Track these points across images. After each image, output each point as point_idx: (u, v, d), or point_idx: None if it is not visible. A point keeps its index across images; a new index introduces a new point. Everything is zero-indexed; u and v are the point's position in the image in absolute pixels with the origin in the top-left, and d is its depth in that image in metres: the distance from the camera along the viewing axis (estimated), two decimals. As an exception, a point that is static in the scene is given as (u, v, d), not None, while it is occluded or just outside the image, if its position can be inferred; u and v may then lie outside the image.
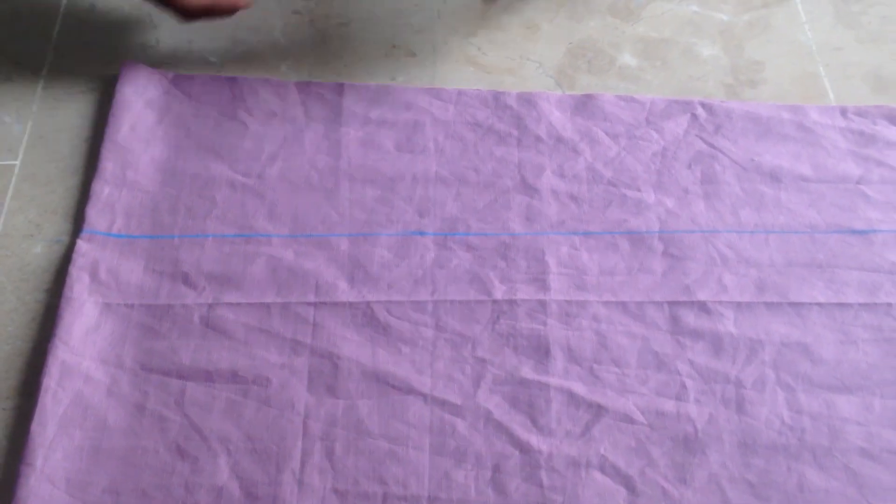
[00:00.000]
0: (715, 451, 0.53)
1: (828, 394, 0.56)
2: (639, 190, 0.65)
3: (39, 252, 0.61)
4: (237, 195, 0.63)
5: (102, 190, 0.62)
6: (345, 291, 0.59)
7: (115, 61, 0.70)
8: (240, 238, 0.61)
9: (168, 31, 0.74)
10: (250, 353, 0.55)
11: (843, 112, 0.70)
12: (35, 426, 0.51)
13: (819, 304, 0.59)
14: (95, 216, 0.61)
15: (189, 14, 0.65)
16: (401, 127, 0.68)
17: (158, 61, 0.71)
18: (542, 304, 0.59)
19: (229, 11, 0.66)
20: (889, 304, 0.60)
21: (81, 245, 0.59)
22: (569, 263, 0.61)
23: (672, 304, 0.59)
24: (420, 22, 0.76)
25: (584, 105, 0.70)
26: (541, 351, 0.57)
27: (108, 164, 0.63)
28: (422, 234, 0.62)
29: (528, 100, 0.70)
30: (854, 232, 0.63)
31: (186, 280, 0.58)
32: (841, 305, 0.59)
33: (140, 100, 0.67)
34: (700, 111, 0.70)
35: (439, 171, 0.65)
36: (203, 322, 0.57)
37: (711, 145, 0.68)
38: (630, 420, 0.54)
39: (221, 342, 0.56)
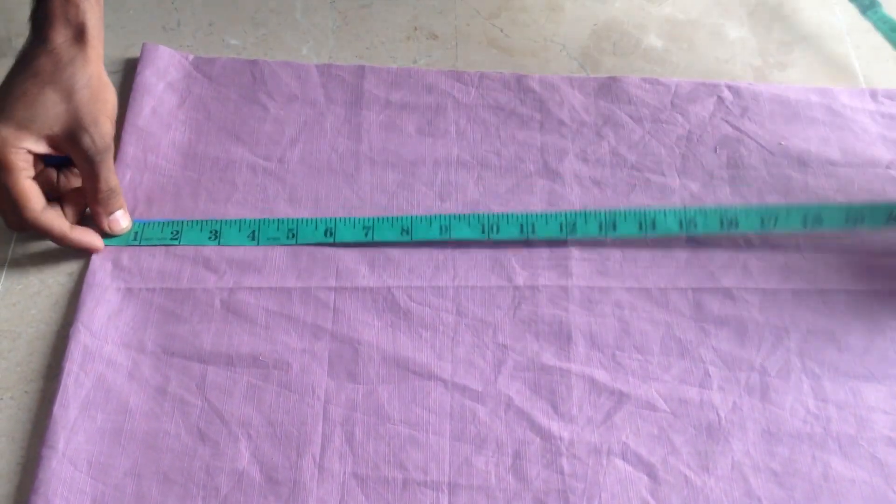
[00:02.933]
0: (738, 440, 0.52)
1: (854, 382, 0.55)
2: (663, 174, 0.64)
3: (62, 235, 0.61)
4: (258, 179, 0.63)
5: (124, 175, 0.62)
6: (365, 276, 0.58)
7: (136, 44, 0.70)
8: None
9: (189, 14, 0.73)
10: (271, 337, 0.55)
11: (874, 95, 0.69)
12: (57, 409, 0.51)
13: (847, 291, 0.58)
14: (117, 200, 0.61)
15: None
16: (422, 110, 0.67)
17: (179, 44, 0.71)
18: (564, 290, 0.58)
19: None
20: (921, 291, 0.59)
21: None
22: (591, 249, 0.60)
23: (696, 290, 0.58)
24: (442, 3, 0.75)
25: (607, 88, 0.69)
26: (562, 337, 0.56)
27: (130, 149, 0.63)
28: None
29: (551, 83, 0.69)
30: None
31: (208, 264, 0.58)
32: (869, 292, 0.58)
33: (161, 82, 0.67)
34: (726, 94, 0.69)
35: (461, 154, 0.65)
36: (224, 306, 0.56)
37: (738, 129, 0.67)
38: (652, 407, 0.54)
39: (242, 326, 0.56)
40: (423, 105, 0.68)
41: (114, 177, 0.57)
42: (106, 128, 0.55)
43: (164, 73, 0.67)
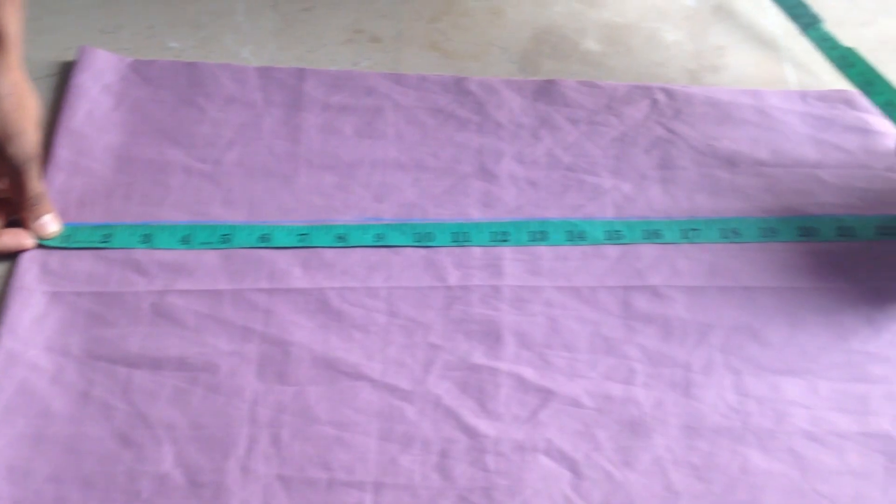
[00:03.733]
0: (660, 435, 0.53)
1: (774, 377, 0.56)
2: (597, 175, 0.65)
3: (-8, 239, 0.60)
4: (193, 181, 0.63)
5: (56, 177, 0.62)
6: (298, 278, 0.59)
7: (74, 47, 0.69)
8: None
9: (129, 17, 0.73)
10: (200, 340, 0.55)
11: (803, 97, 0.70)
12: (-22, 415, 0.51)
13: (769, 288, 0.59)
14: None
15: None
16: (361, 112, 0.68)
17: (118, 47, 0.71)
18: (496, 290, 0.59)
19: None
20: (839, 288, 0.60)
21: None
22: (524, 249, 0.61)
23: (624, 288, 0.59)
24: (385, 6, 0.76)
25: (545, 91, 0.70)
26: (492, 336, 0.57)
27: (63, 152, 0.63)
28: (378, 219, 0.62)
29: (489, 85, 0.70)
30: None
31: (138, 267, 0.58)
32: (792, 289, 0.59)
33: (97, 85, 0.67)
34: (660, 96, 0.69)
35: (398, 156, 0.65)
36: (153, 309, 0.56)
37: (670, 130, 0.67)
38: (578, 404, 0.54)
39: (171, 330, 0.56)
40: (362, 107, 0.68)
41: (40, 183, 0.56)
42: (31, 136, 0.54)
43: (100, 76, 0.67)
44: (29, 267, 0.57)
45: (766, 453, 0.53)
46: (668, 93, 0.70)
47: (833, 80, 0.72)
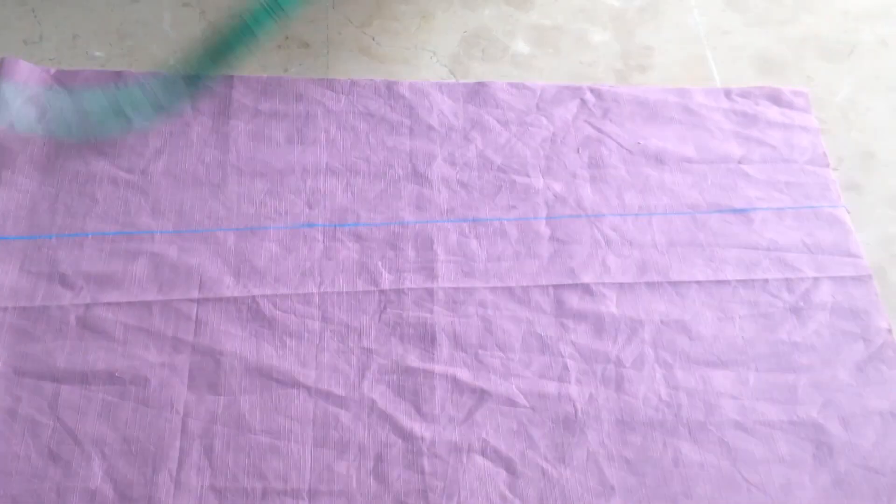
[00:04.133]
0: (594, 430, 0.54)
1: (704, 369, 0.57)
2: (528, 175, 0.65)
3: (-89, 257, 0.59)
4: (119, 192, 0.62)
5: (-23, 191, 0.60)
6: (230, 286, 0.58)
7: (-5, 58, 0.68)
8: (121, 236, 0.60)
9: (52, 27, 0.72)
10: (129, 353, 0.54)
11: (728, 94, 0.71)
12: None
13: (698, 283, 0.60)
14: (-31, 218, 0.59)
15: None
16: (292, 119, 0.67)
17: (42, 57, 0.70)
18: (430, 293, 0.59)
19: None
20: (766, 280, 0.61)
21: (-47, 248, 0.58)
22: (457, 251, 0.61)
23: (557, 287, 0.60)
24: (313, 12, 0.75)
25: (475, 93, 0.70)
26: (427, 339, 0.57)
27: (-17, 164, 0.61)
28: (310, 226, 0.61)
29: (420, 89, 0.70)
30: (734, 211, 0.64)
31: (64, 280, 0.57)
32: (719, 283, 0.61)
33: (20, 97, 0.65)
34: (589, 96, 0.70)
35: (330, 162, 0.65)
36: (80, 323, 0.55)
37: (599, 130, 0.68)
38: (513, 403, 0.54)
39: (99, 343, 0.55)
40: (293, 113, 0.68)
41: None
42: None
43: (23, 87, 0.66)
44: (-51, 284, 0.56)
45: (698, 445, 0.53)
46: (597, 93, 0.71)
47: (756, 76, 0.74)
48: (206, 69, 0.63)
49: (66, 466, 0.50)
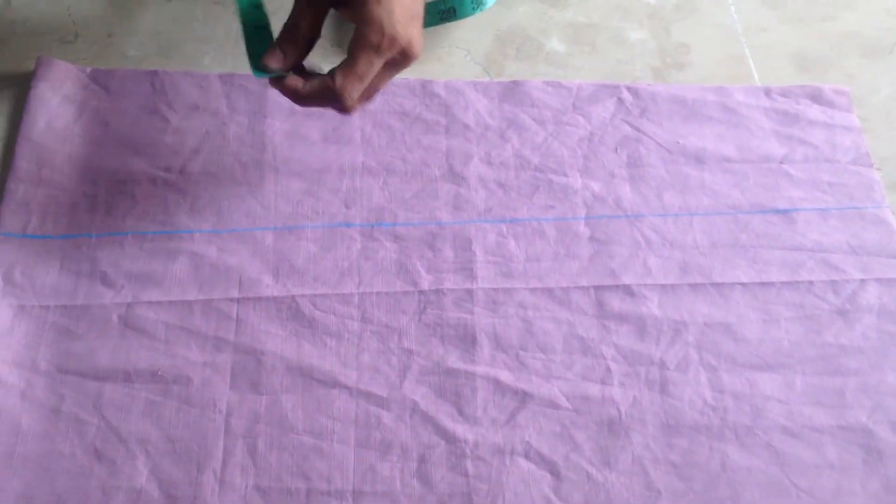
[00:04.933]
0: (638, 434, 0.53)
1: (750, 372, 0.56)
2: (565, 175, 0.65)
3: (-48, 255, 0.59)
4: (158, 191, 0.62)
5: (17, 189, 0.60)
6: (269, 286, 0.58)
7: (32, 57, 0.68)
8: (160, 235, 0.60)
9: (87, 26, 0.72)
10: (171, 352, 0.54)
11: (767, 92, 0.71)
12: (-53, 435, 0.49)
13: (742, 284, 0.60)
14: (10, 217, 0.59)
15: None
16: (327, 118, 0.67)
17: (77, 56, 0.70)
18: (469, 293, 0.58)
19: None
20: (810, 282, 0.60)
21: (-5, 248, 0.58)
22: (496, 251, 0.61)
23: (597, 288, 0.59)
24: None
25: (511, 92, 0.69)
26: (467, 340, 0.56)
27: (23, 163, 0.61)
28: (348, 225, 0.61)
29: (455, 88, 0.69)
30: (777, 211, 0.64)
31: (105, 279, 0.57)
32: (763, 284, 0.60)
33: (56, 96, 0.65)
34: (626, 95, 0.70)
35: (366, 161, 0.65)
36: (122, 322, 0.55)
37: (637, 129, 0.68)
38: (555, 406, 0.54)
39: (141, 342, 0.55)
40: (329, 112, 0.67)
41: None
42: None
43: (59, 87, 0.66)
44: (-9, 281, 0.56)
45: (745, 449, 0.53)
46: (634, 91, 0.70)
47: (796, 74, 0.73)
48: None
49: (111, 465, 0.50)
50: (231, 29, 0.73)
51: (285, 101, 0.67)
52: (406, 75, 0.70)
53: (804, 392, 0.55)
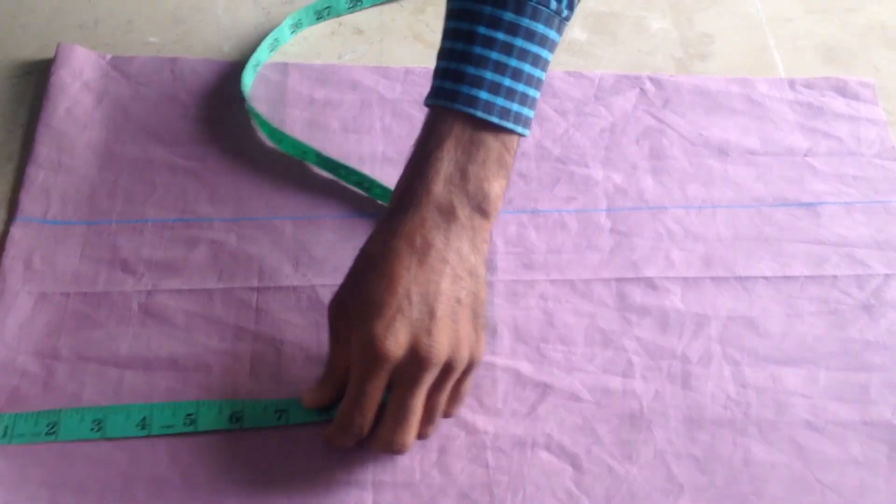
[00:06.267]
0: (660, 428, 0.53)
1: (773, 367, 0.55)
2: (587, 166, 0.64)
3: (-27, 241, 0.59)
4: (178, 179, 0.62)
5: (37, 175, 0.60)
6: (289, 275, 0.58)
7: (52, 44, 0.68)
8: (180, 223, 0.60)
9: (107, 12, 0.72)
10: (191, 340, 0.54)
11: (792, 84, 0.70)
12: (-30, 423, 0.49)
13: (765, 278, 0.59)
14: (29, 202, 0.59)
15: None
16: (347, 107, 0.67)
17: (96, 42, 0.70)
18: (490, 285, 0.58)
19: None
20: (835, 277, 0.60)
21: (15, 233, 0.58)
22: (517, 242, 0.60)
23: (619, 280, 0.59)
24: (366, -2, 0.75)
25: (532, 81, 0.69)
26: (488, 331, 0.56)
27: (43, 149, 0.61)
28: (368, 215, 0.61)
29: (476, 77, 0.69)
30: (801, 205, 0.63)
31: (125, 267, 0.57)
32: (787, 279, 0.59)
33: (76, 82, 0.65)
34: (648, 86, 0.69)
35: (386, 150, 0.64)
36: (142, 309, 0.55)
37: (660, 120, 0.67)
38: (576, 398, 0.54)
39: (161, 330, 0.55)
40: (348, 102, 0.67)
41: None
42: None
43: (79, 73, 0.66)
44: (12, 267, 0.56)
45: (768, 444, 0.52)
46: (656, 82, 0.69)
47: (821, 66, 0.72)
48: None
49: (132, 452, 0.50)
50: (251, 18, 0.73)
51: (305, 90, 0.67)
52: (426, 64, 0.70)
53: (828, 387, 0.55)
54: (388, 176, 0.63)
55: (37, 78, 0.67)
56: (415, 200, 0.48)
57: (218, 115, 0.66)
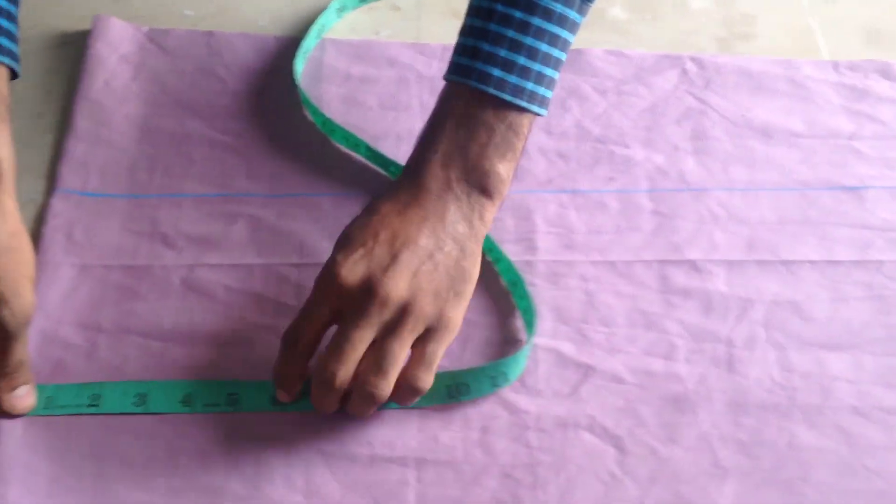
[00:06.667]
0: (705, 411, 0.52)
1: (819, 352, 0.55)
2: (627, 147, 0.64)
3: (13, 212, 0.59)
4: (215, 153, 0.61)
5: (76, 148, 0.60)
6: (328, 252, 0.57)
7: (88, 15, 0.68)
8: (219, 197, 0.59)
9: (142, -17, 0.71)
10: (232, 315, 0.54)
11: (836, 67, 0.69)
12: (15, 394, 0.49)
13: (811, 262, 0.59)
14: (69, 175, 0.59)
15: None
16: (384, 84, 0.66)
17: (132, 14, 0.69)
18: (530, 265, 0.58)
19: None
20: (880, 262, 0.59)
21: (56, 204, 0.57)
22: (556, 222, 0.60)
23: (661, 262, 0.58)
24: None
25: (572, 61, 0.68)
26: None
27: (82, 121, 0.61)
28: None
29: (514, 55, 0.68)
30: (846, 188, 0.62)
31: (165, 240, 0.57)
32: (832, 263, 0.59)
33: (114, 55, 0.65)
34: (690, 66, 0.68)
35: (424, 128, 0.64)
36: (183, 283, 0.55)
37: (702, 101, 0.66)
38: (619, 380, 0.53)
39: (202, 304, 0.54)
40: (385, 78, 0.67)
41: (25, 350, 0.47)
42: (27, 296, 0.45)
43: (116, 46, 0.66)
44: (53, 238, 0.56)
45: (814, 429, 0.52)
46: (698, 62, 0.69)
47: (864, 49, 0.71)
48: None
49: (174, 425, 0.50)
50: (288, -9, 0.72)
51: (341, 66, 0.67)
52: (465, 41, 0.69)
53: (874, 372, 0.54)
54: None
55: (73, 49, 0.67)
56: (414, 173, 0.51)
57: (255, 90, 0.65)
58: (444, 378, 0.51)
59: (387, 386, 0.48)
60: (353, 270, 0.47)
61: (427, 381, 0.49)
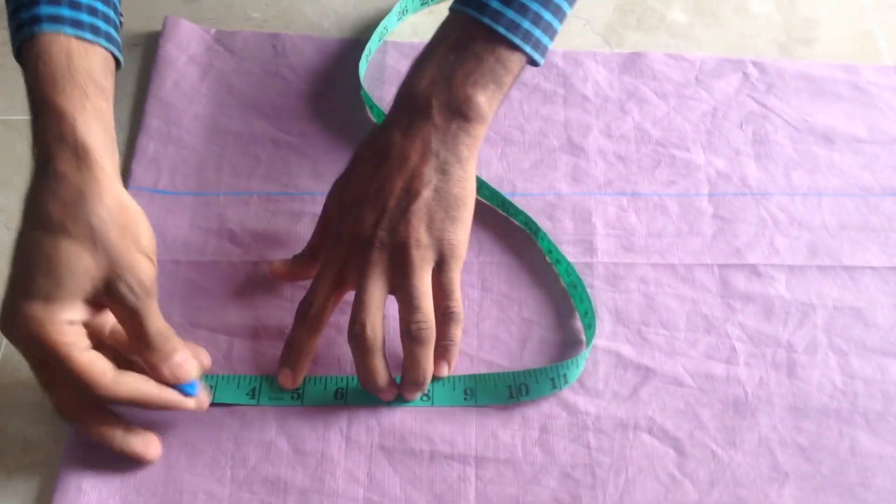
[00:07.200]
0: (765, 415, 0.52)
1: (881, 358, 0.55)
2: (688, 150, 0.64)
3: (86, 208, 0.61)
4: (281, 153, 0.63)
5: (148, 146, 0.62)
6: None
7: (158, 17, 0.69)
8: (284, 196, 0.61)
9: (210, -13, 0.73)
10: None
11: (899, 72, 0.68)
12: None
13: (873, 268, 0.58)
14: (141, 172, 0.61)
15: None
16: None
17: (200, 17, 0.71)
18: (589, 267, 0.58)
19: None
20: (944, 269, 0.58)
21: (128, 201, 0.59)
22: (616, 225, 0.60)
23: (722, 266, 0.58)
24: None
25: (631, 64, 0.68)
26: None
27: (153, 120, 0.63)
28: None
29: (574, 58, 0.69)
30: (909, 195, 0.62)
31: (232, 238, 0.58)
32: (894, 269, 0.58)
33: (183, 56, 0.67)
34: (751, 70, 0.68)
35: (489, 133, 0.64)
36: (249, 280, 0.56)
37: (763, 105, 0.66)
38: (679, 383, 0.53)
39: (268, 300, 0.56)
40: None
41: (161, 320, 0.47)
42: (144, 267, 0.46)
43: (185, 47, 0.67)
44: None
45: (876, 435, 0.52)
46: (760, 66, 0.68)
47: (929, 55, 0.70)
48: None
49: (242, 417, 0.51)
50: (351, -6, 0.73)
51: (403, 68, 0.67)
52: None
53: None
54: (486, 155, 0.63)
55: (143, 49, 0.69)
56: (396, 101, 0.52)
57: (319, 91, 0.66)
58: (505, 378, 0.52)
59: (426, 319, 0.49)
60: (343, 229, 0.51)
61: (456, 306, 0.51)
